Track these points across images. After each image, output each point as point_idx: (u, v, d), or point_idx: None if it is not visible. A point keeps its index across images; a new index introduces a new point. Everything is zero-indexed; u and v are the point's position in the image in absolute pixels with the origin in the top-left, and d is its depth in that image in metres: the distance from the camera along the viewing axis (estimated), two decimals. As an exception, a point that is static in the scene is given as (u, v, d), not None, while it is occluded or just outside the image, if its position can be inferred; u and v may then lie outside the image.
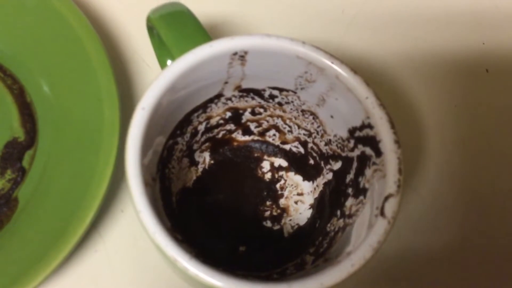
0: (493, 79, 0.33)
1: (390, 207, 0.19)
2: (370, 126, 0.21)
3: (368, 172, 0.22)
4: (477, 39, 0.34)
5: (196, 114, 0.25)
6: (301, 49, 0.21)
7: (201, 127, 0.26)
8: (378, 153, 0.21)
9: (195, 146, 0.27)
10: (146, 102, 0.19)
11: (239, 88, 0.24)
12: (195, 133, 0.26)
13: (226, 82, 0.23)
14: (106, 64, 0.27)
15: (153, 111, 0.20)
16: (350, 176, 0.24)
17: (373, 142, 0.21)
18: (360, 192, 0.22)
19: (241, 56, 0.21)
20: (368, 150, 0.22)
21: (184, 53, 0.21)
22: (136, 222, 0.26)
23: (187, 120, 0.24)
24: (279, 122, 0.27)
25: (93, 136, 0.26)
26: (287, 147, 0.28)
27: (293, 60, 0.21)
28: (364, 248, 0.19)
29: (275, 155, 0.28)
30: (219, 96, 0.24)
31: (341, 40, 0.33)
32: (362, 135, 0.22)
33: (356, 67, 0.21)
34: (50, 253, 0.24)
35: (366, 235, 0.19)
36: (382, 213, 0.19)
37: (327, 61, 0.21)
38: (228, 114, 0.26)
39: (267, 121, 0.27)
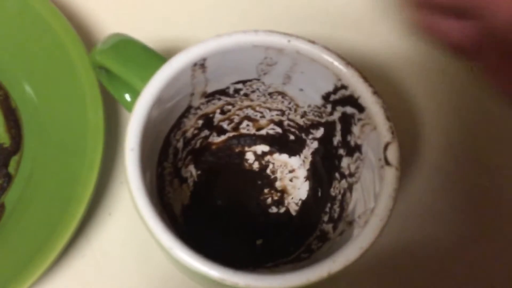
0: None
1: (393, 154, 0.20)
2: (344, 87, 0.21)
3: (356, 129, 0.22)
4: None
5: (172, 134, 0.24)
6: (256, 38, 0.21)
7: (180, 145, 0.26)
8: (361, 108, 0.21)
9: (179, 164, 0.27)
10: (133, 142, 0.19)
11: (205, 95, 0.24)
12: (175, 152, 0.26)
13: (192, 94, 0.23)
14: (89, 68, 0.27)
15: (141, 148, 0.19)
16: (337, 138, 0.24)
17: (351, 100, 0.21)
18: (354, 149, 0.23)
19: (201, 65, 0.21)
20: (349, 109, 0.22)
21: (147, 82, 0.20)
22: (124, 225, 0.27)
23: (166, 143, 0.24)
24: (249, 112, 0.27)
25: (78, 140, 0.26)
26: (263, 132, 0.28)
27: (250, 50, 0.21)
28: (385, 200, 0.19)
29: (255, 144, 0.28)
30: (188, 108, 0.24)
31: (330, 36, 0.32)
32: (338, 98, 0.22)
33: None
34: (37, 258, 0.24)
35: (380, 189, 0.20)
36: (387, 163, 0.20)
37: (284, 41, 0.21)
38: (200, 122, 0.26)
39: (238, 115, 0.27)
